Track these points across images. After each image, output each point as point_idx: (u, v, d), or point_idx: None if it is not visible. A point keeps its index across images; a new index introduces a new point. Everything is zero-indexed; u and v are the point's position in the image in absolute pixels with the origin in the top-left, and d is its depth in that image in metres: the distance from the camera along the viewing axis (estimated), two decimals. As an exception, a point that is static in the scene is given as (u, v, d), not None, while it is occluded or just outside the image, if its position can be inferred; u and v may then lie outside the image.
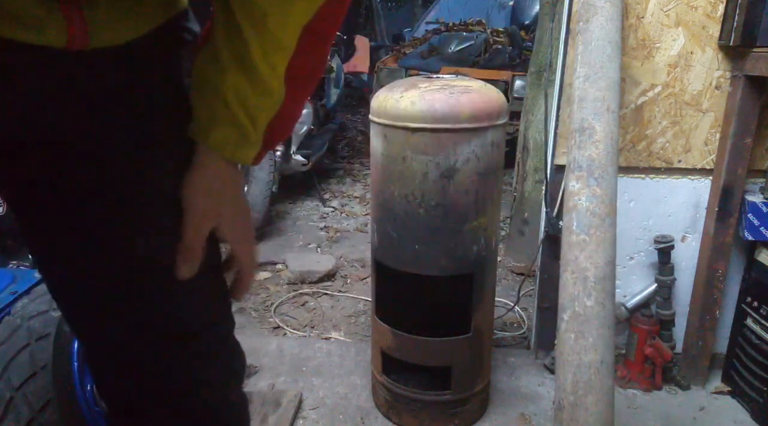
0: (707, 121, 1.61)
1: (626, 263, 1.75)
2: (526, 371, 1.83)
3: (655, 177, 1.68)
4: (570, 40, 1.58)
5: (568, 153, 1.34)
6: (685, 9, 1.53)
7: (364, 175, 4.32)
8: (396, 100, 1.31)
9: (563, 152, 1.62)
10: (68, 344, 1.15)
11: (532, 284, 2.10)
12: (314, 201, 3.70)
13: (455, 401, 1.52)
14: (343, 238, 3.10)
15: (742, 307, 1.70)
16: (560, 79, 1.65)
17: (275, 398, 1.63)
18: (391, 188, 1.37)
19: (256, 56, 0.54)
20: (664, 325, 1.73)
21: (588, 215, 1.22)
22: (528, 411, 1.65)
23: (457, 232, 1.36)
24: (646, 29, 1.55)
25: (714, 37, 1.54)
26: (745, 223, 1.60)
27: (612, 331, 1.18)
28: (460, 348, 1.48)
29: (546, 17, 2.41)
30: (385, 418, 1.61)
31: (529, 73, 2.59)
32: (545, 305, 1.81)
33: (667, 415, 1.64)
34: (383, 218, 1.42)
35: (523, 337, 2.06)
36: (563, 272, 1.24)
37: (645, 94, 1.60)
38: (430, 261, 1.38)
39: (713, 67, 1.57)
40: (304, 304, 2.34)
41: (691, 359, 1.75)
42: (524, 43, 4.46)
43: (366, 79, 6.77)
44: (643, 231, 1.72)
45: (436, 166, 1.30)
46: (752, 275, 1.66)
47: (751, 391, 1.64)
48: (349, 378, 1.79)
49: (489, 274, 1.48)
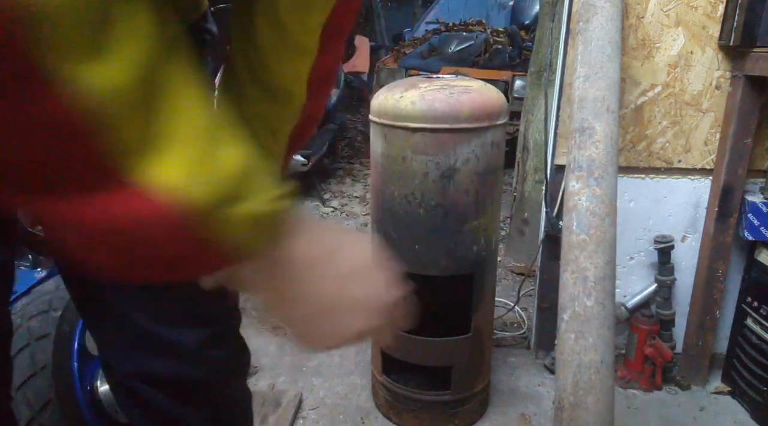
0: (707, 121, 1.61)
1: (626, 263, 1.75)
2: (526, 371, 1.83)
3: (655, 177, 1.68)
4: (570, 40, 1.58)
5: (568, 153, 1.34)
6: (685, 9, 1.53)
7: (364, 175, 4.32)
8: (396, 100, 1.31)
9: (563, 152, 1.62)
10: (68, 344, 1.15)
11: (532, 284, 2.10)
12: (314, 201, 3.70)
13: (455, 401, 1.52)
14: (343, 238, 3.09)
15: (742, 307, 1.69)
16: (560, 79, 1.65)
17: (275, 398, 1.63)
18: (391, 188, 1.37)
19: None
20: (664, 325, 1.73)
21: (588, 215, 1.22)
22: (528, 411, 1.65)
23: (457, 232, 1.36)
24: (646, 29, 1.55)
25: (714, 37, 1.54)
26: (745, 223, 1.60)
27: (612, 331, 1.17)
28: (460, 348, 1.48)
29: (546, 17, 2.40)
30: (385, 418, 1.61)
31: (529, 73, 2.59)
32: (545, 305, 1.81)
33: (667, 415, 1.64)
34: (383, 218, 1.42)
35: (523, 337, 2.06)
36: (563, 272, 1.24)
37: (645, 94, 1.60)
38: (430, 261, 1.38)
39: (713, 67, 1.57)
40: (304, 304, 2.34)
41: (691, 359, 1.75)
42: (524, 43, 4.46)
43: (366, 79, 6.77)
44: (643, 231, 1.72)
45: (436, 166, 1.30)
46: (752, 275, 1.66)
47: (751, 391, 1.64)
48: (349, 378, 1.79)
49: (489, 274, 1.48)
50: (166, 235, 0.30)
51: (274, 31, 0.51)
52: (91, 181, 0.28)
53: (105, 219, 0.29)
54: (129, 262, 0.32)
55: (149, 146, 0.28)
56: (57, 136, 0.27)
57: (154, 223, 0.29)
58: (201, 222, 0.30)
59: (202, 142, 0.30)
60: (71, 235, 0.30)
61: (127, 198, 0.28)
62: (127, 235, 0.29)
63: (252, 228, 0.32)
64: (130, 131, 0.28)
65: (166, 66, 0.29)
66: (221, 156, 0.31)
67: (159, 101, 0.28)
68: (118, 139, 0.27)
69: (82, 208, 0.28)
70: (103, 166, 0.27)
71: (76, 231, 0.30)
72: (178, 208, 0.29)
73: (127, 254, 0.31)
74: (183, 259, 0.32)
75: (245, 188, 0.31)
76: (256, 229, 0.32)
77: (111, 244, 0.30)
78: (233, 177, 0.31)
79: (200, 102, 0.31)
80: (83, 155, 0.27)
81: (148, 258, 0.31)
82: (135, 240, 0.30)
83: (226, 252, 0.32)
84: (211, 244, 0.31)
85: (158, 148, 0.28)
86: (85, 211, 0.29)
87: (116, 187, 0.28)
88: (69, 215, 0.29)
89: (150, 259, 0.31)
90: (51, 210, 0.29)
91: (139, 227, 0.29)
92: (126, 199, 0.28)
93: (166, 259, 0.31)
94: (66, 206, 0.29)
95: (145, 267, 0.32)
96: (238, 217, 0.31)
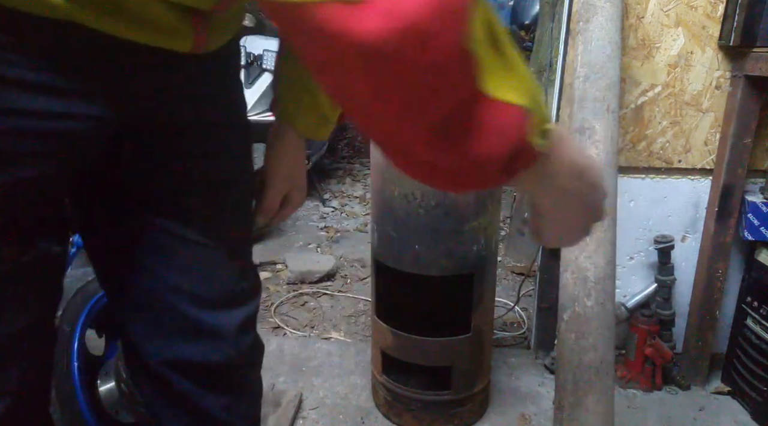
0: (707, 121, 1.61)
1: (626, 263, 1.75)
2: (526, 371, 1.83)
3: (655, 177, 1.68)
4: (570, 40, 1.58)
5: (568, 153, 1.33)
6: (685, 9, 1.53)
7: (364, 175, 4.32)
8: (396, 100, 1.31)
9: (563, 152, 1.61)
10: (68, 344, 1.15)
11: (532, 284, 2.10)
12: (314, 201, 3.70)
13: (455, 401, 1.52)
14: (343, 238, 3.10)
15: (742, 307, 1.69)
16: (560, 79, 1.65)
17: (275, 398, 1.63)
18: (391, 188, 1.37)
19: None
20: (664, 325, 1.73)
21: (588, 215, 1.22)
22: (528, 411, 1.65)
23: (457, 232, 1.36)
24: (646, 29, 1.55)
25: (714, 37, 1.54)
26: (745, 223, 1.60)
27: (612, 331, 1.18)
28: (460, 348, 1.48)
29: (546, 17, 2.41)
30: (385, 418, 1.61)
31: (529, 73, 2.59)
32: (545, 305, 1.81)
33: (667, 415, 1.64)
34: (383, 218, 1.42)
35: (523, 337, 2.06)
36: (563, 272, 1.24)
37: (645, 94, 1.60)
38: (430, 261, 1.38)
39: (713, 67, 1.57)
40: (304, 304, 2.34)
41: (691, 359, 1.75)
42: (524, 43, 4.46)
43: (366, 79, 6.76)
44: (643, 231, 1.72)
45: (436, 166, 1.30)
46: (752, 275, 1.66)
47: (751, 391, 1.64)
48: (349, 378, 1.79)
49: (489, 274, 1.48)
50: (518, 133, 0.40)
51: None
52: (468, 103, 0.38)
53: (483, 128, 0.39)
54: (474, 164, 0.41)
55: (501, 75, 0.38)
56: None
57: (512, 123, 0.39)
58: (531, 127, 0.40)
59: (524, 74, 0.40)
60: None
61: (494, 109, 0.39)
62: (490, 140, 0.39)
63: (547, 136, 0.43)
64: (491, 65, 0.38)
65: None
66: (534, 85, 0.42)
67: (500, 46, 0.39)
68: (486, 70, 0.37)
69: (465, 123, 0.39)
70: (477, 90, 0.38)
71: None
72: (525, 115, 0.40)
73: (481, 155, 0.40)
74: (512, 156, 0.41)
75: (543, 108, 0.43)
76: (549, 137, 0.43)
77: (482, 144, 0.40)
78: (540, 99, 0.42)
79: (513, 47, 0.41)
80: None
81: (489, 156, 0.40)
82: (493, 140, 0.40)
83: (534, 151, 0.42)
84: (529, 144, 0.41)
85: (507, 77, 0.39)
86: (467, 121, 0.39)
87: (487, 103, 0.38)
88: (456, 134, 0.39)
89: (491, 157, 0.41)
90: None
91: (499, 130, 0.39)
92: (493, 111, 0.39)
93: (502, 158, 0.41)
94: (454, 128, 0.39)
95: (484, 166, 0.42)
96: (543, 127, 0.42)
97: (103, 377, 1.23)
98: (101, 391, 1.21)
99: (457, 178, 0.43)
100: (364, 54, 0.34)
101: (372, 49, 0.33)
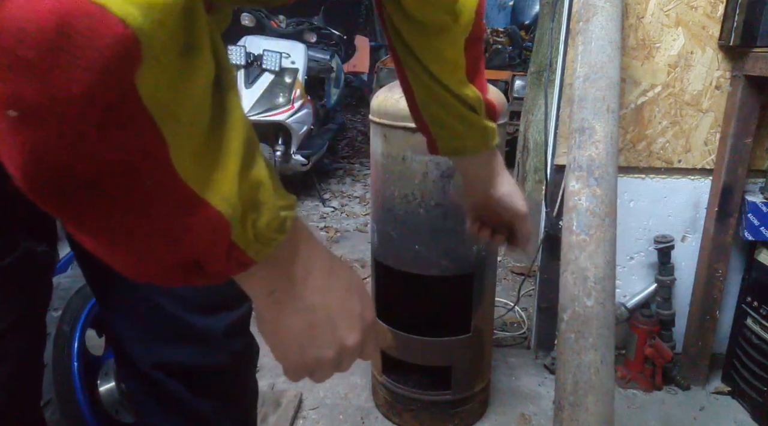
0: (707, 121, 1.61)
1: (626, 263, 1.75)
2: (526, 371, 1.83)
3: (655, 177, 1.68)
4: (570, 40, 1.58)
5: (568, 153, 1.34)
6: (685, 9, 1.53)
7: (364, 175, 4.32)
8: (396, 100, 1.31)
9: (563, 152, 1.62)
10: (68, 344, 1.15)
11: (532, 284, 2.10)
12: (314, 201, 3.70)
13: (455, 401, 1.52)
14: (343, 238, 3.09)
15: (742, 307, 1.69)
16: (560, 79, 1.65)
17: (275, 398, 1.63)
18: (391, 188, 1.37)
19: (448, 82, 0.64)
20: (664, 325, 1.73)
21: (588, 215, 1.22)
22: (528, 411, 1.65)
23: (457, 232, 1.35)
24: (646, 29, 1.55)
25: (714, 37, 1.54)
26: (745, 223, 1.60)
27: (612, 331, 1.17)
28: (460, 348, 1.48)
29: (546, 17, 2.41)
30: (385, 418, 1.61)
31: (529, 73, 2.59)
32: (545, 305, 1.81)
33: (667, 415, 1.64)
34: (383, 218, 1.42)
35: (523, 337, 2.06)
36: (563, 272, 1.23)
37: (645, 94, 1.60)
38: (430, 261, 1.38)
39: (713, 67, 1.57)
40: (304, 304, 2.33)
41: (691, 359, 1.75)
42: (524, 43, 4.47)
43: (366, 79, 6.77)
44: (643, 231, 1.72)
45: (436, 166, 1.30)
46: (752, 275, 1.66)
47: (751, 391, 1.64)
48: (349, 378, 1.79)
49: (489, 274, 1.48)
50: (213, 238, 0.32)
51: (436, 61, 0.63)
52: (156, 191, 0.30)
53: (164, 224, 0.31)
54: (167, 267, 0.33)
55: (210, 163, 0.31)
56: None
57: (207, 228, 0.32)
58: (237, 227, 0.33)
59: (243, 157, 0.33)
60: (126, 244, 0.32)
61: (192, 207, 0.31)
62: (180, 237, 0.31)
63: (268, 234, 0.35)
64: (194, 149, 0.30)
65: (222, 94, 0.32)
66: (253, 168, 0.34)
67: (219, 120, 0.31)
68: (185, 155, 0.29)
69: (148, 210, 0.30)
70: (174, 181, 0.30)
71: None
72: (226, 214, 0.32)
73: (172, 256, 0.33)
74: (213, 261, 0.33)
75: (267, 198, 0.35)
76: (271, 235, 0.35)
77: (158, 245, 0.32)
78: (263, 187, 0.34)
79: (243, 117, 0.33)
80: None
81: (185, 260, 0.33)
82: (185, 242, 0.32)
83: (246, 256, 0.34)
84: (238, 247, 0.33)
85: (218, 164, 0.31)
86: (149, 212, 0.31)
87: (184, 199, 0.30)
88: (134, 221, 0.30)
89: (185, 260, 0.33)
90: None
91: (194, 230, 0.31)
92: (190, 209, 0.31)
93: (200, 259, 0.33)
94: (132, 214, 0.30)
95: (179, 270, 0.34)
96: (260, 224, 0.34)
97: (103, 377, 1.23)
98: (101, 391, 1.21)
99: (137, 267, 0.34)
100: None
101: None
